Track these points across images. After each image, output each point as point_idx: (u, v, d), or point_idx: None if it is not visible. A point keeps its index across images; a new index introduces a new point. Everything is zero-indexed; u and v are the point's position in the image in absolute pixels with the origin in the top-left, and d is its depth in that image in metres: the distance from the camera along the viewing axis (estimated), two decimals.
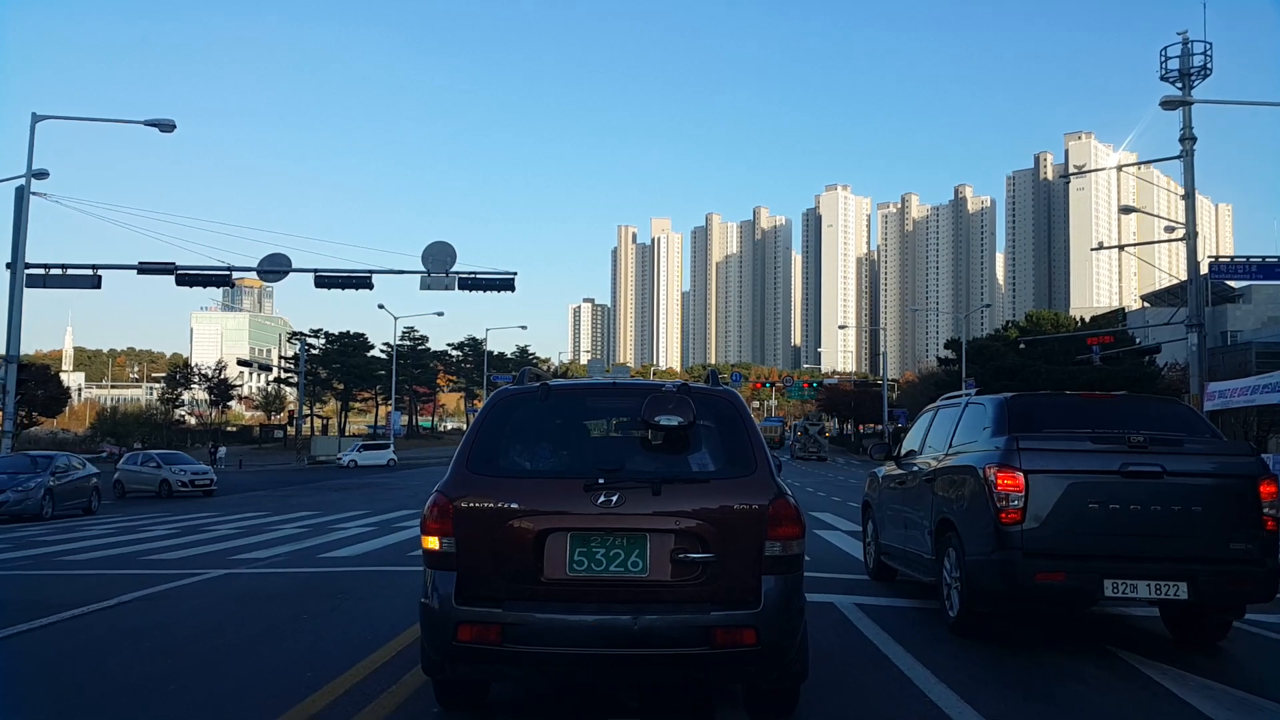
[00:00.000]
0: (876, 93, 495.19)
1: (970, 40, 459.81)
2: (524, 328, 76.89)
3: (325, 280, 27.15)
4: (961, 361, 60.07)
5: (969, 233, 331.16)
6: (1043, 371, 63.47)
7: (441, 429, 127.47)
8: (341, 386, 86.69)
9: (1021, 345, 60.48)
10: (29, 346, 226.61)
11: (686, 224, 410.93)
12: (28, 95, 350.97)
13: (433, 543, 4.78)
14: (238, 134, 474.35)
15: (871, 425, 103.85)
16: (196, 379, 71.99)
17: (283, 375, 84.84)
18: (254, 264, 26.74)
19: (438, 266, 25.86)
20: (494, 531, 4.69)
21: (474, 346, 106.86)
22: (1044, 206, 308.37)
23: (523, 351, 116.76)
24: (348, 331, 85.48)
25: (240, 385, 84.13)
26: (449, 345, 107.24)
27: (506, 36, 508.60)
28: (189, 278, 27.36)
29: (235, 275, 27.20)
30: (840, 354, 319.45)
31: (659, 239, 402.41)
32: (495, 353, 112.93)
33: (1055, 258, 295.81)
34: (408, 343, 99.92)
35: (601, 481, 4.69)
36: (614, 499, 4.65)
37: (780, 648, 4.66)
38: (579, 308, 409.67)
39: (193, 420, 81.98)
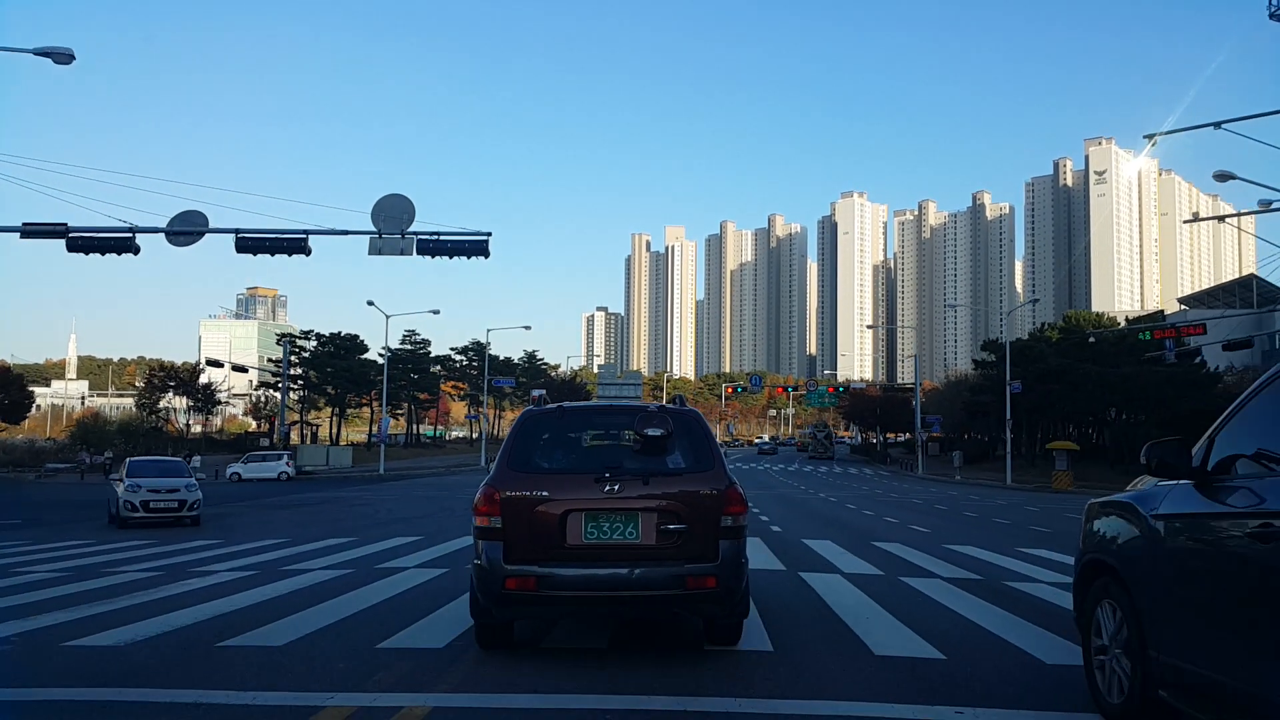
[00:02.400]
0: (892, 99, 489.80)
1: (987, 46, 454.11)
2: (528, 328, 71.99)
3: (249, 243, 21.56)
4: (1005, 362, 54.40)
5: (987, 239, 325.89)
6: (1091, 373, 57.84)
7: (448, 437, 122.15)
8: (334, 392, 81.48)
9: (1091, 339, 55.14)
10: (35, 355, 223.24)
11: (701, 231, 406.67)
12: None
13: (484, 521, 6.79)
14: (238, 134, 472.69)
15: (893, 435, 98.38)
16: (173, 383, 67.06)
17: (273, 380, 79.74)
18: (164, 225, 21.37)
19: (391, 225, 20.21)
20: (529, 512, 6.72)
21: (479, 350, 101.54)
22: (1064, 212, 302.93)
23: (531, 356, 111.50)
24: (339, 333, 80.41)
25: (224, 390, 78.87)
26: (452, 349, 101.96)
27: (518, 42, 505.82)
28: (84, 241, 21.95)
29: (140, 237, 21.68)
30: (857, 361, 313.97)
31: (673, 247, 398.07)
32: (502, 357, 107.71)
33: (1076, 264, 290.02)
34: (408, 346, 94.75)
35: (607, 475, 6.82)
36: (616, 487, 6.77)
37: (732, 590, 6.82)
38: (592, 316, 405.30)
39: (179, 426, 77.15)
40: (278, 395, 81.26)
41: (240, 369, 55.35)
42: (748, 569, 7.12)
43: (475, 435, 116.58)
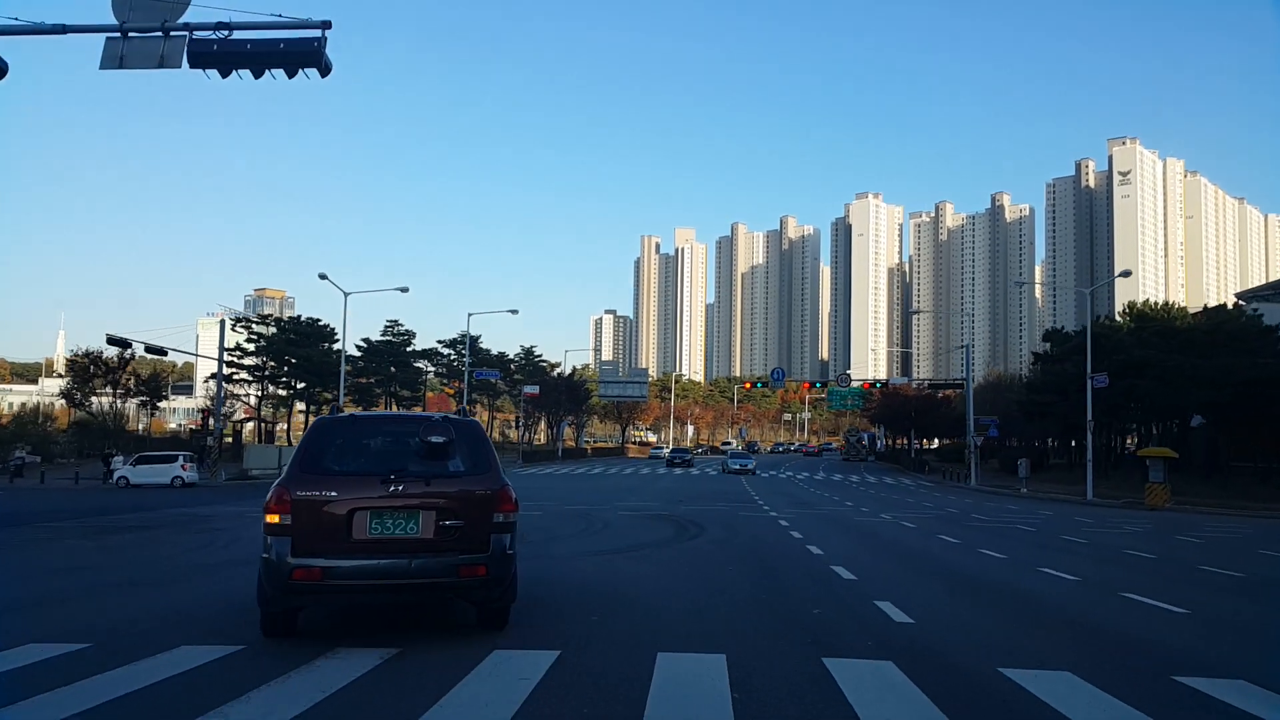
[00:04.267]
0: (909, 99, 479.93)
1: (1006, 45, 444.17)
2: (514, 312, 62.34)
3: None
4: (1087, 351, 44.76)
5: (1006, 242, 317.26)
6: (1184, 366, 48.14)
7: None
8: (297, 385, 72.06)
9: (1182, 322, 45.03)
10: (24, 354, 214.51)
11: (711, 234, 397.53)
12: None
13: (274, 518, 7.35)
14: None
15: (923, 441, 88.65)
16: (100, 374, 58.01)
17: (228, 371, 70.43)
18: None
19: (147, 14, 11.07)
20: (318, 510, 7.38)
21: (471, 345, 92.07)
22: (1086, 214, 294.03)
23: (528, 353, 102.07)
24: (298, 317, 70.86)
25: (181, 383, 69.88)
26: (439, 342, 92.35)
27: (528, 45, 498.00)
28: None
29: None
30: (871, 366, 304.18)
31: (683, 249, 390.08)
32: (496, 352, 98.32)
33: (1098, 266, 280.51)
34: (389, 338, 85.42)
35: (392, 476, 7.52)
36: (400, 488, 7.49)
37: (500, 578, 7.73)
38: (600, 319, 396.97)
39: (111, 421, 68.26)
40: (234, 389, 72.16)
41: (158, 350, 46.10)
42: (515, 559, 8.06)
43: None
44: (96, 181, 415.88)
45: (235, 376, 70.76)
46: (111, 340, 41.70)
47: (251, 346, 69.71)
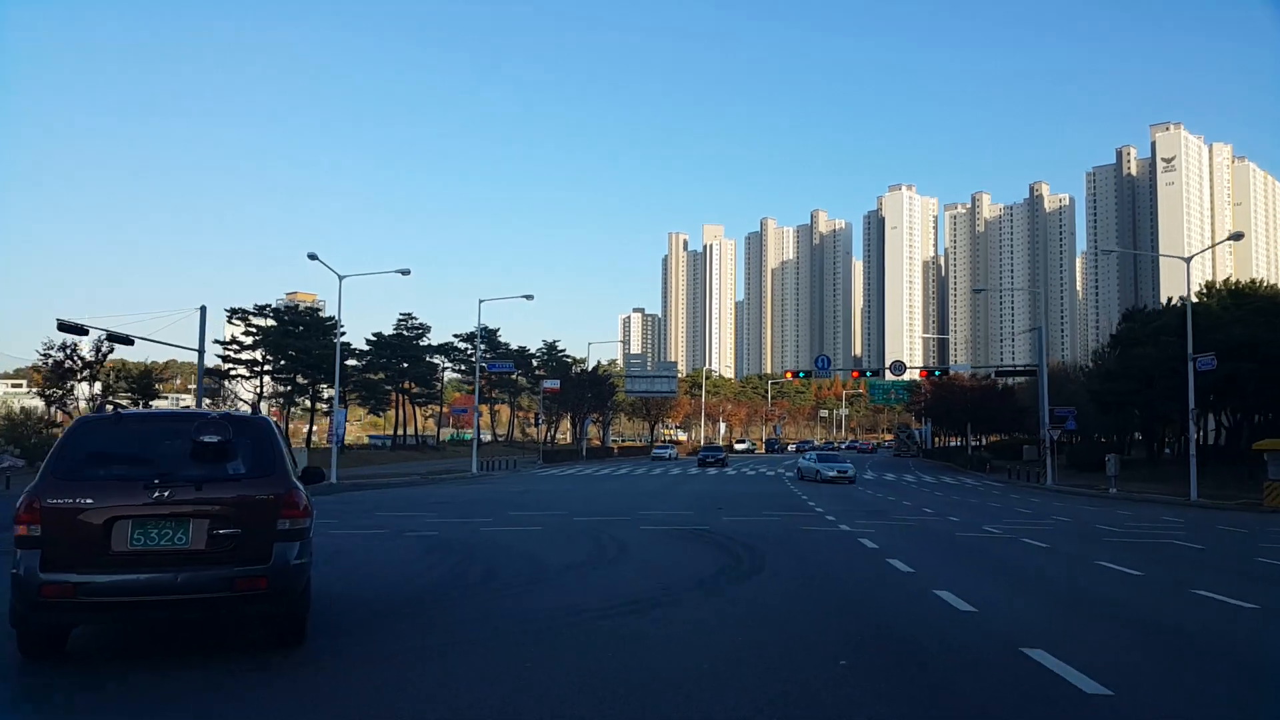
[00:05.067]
0: (942, 88, 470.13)
1: (1042, 30, 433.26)
2: (529, 298, 56.56)
3: None
4: (1188, 328, 38.09)
5: (1046, 232, 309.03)
6: None
7: (455, 437, 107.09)
8: (298, 380, 66.58)
9: None
10: (22, 358, 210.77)
11: (740, 230, 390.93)
12: None
13: (22, 530, 6.73)
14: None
15: (980, 436, 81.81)
16: (80, 368, 52.89)
17: (223, 365, 65.18)
18: None
19: None
20: (72, 520, 6.71)
21: (488, 338, 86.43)
22: (1129, 203, 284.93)
23: (550, 347, 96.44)
24: (296, 306, 65.50)
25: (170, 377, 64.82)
26: (455, 336, 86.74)
27: (552, 45, 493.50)
28: None
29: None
30: (906, 361, 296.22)
31: (711, 246, 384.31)
32: (516, 347, 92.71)
33: (1142, 256, 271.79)
34: (403, 332, 79.94)
35: (157, 481, 6.85)
36: (166, 494, 6.82)
37: (284, 591, 7.03)
38: (628, 317, 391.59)
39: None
40: (230, 385, 66.86)
41: (123, 340, 40.65)
42: (308, 569, 7.44)
43: (498, 436, 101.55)
44: (113, 184, 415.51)
45: (233, 372, 65.56)
46: (64, 326, 36.26)
47: (249, 340, 64.38)
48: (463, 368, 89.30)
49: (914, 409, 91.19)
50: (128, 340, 41.44)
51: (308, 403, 72.70)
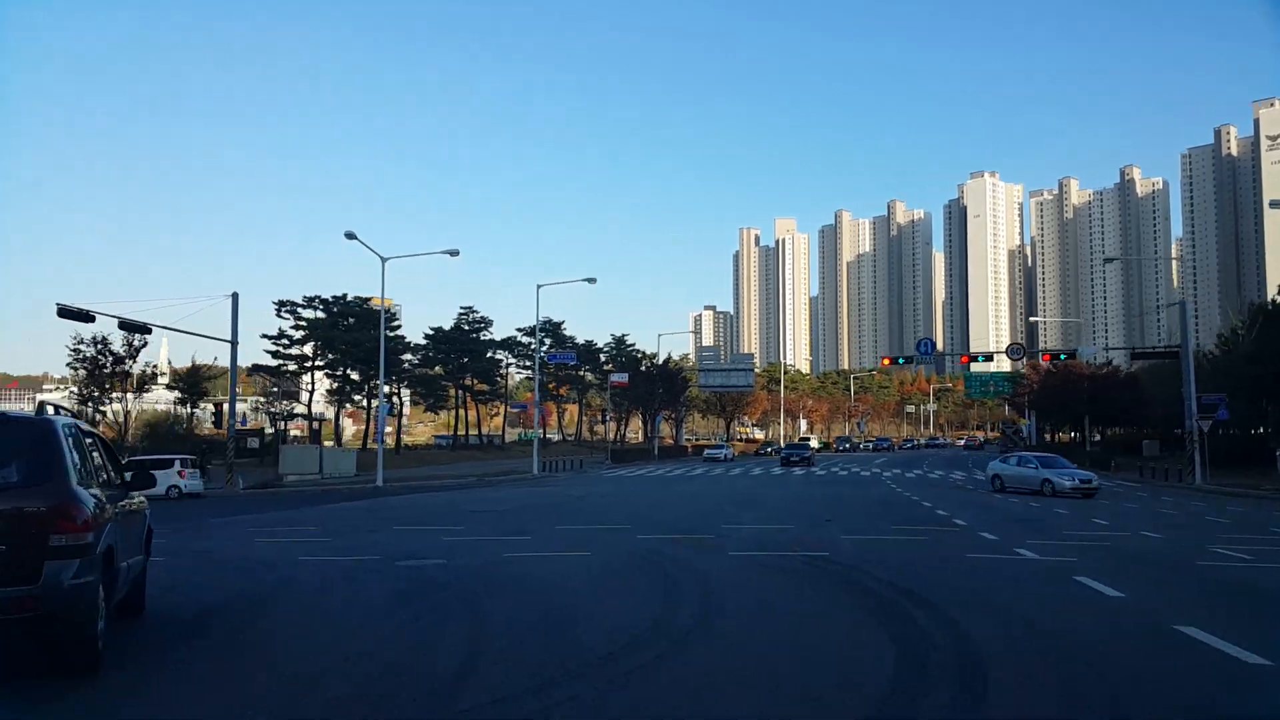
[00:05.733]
0: (1024, 70, 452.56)
1: (1130, 7, 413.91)
2: (591, 281, 51.30)
3: None
4: None
5: (1138, 218, 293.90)
6: None
7: (523, 437, 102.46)
8: (351, 375, 62.21)
9: None
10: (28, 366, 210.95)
11: (813, 223, 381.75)
12: None
13: None
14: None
15: (1099, 430, 73.88)
16: (109, 369, 48.82)
17: (273, 363, 61.09)
18: None
19: None
20: None
21: (552, 331, 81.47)
22: (1228, 184, 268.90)
23: (619, 342, 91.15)
24: (344, 296, 60.83)
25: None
26: (518, 330, 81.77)
27: (617, 36, 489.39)
28: None
29: None
30: (994, 348, 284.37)
31: (783, 240, 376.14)
32: (583, 341, 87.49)
33: (1244, 241, 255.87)
34: (463, 326, 75.36)
35: None
36: None
37: (62, 614, 6.27)
38: (699, 315, 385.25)
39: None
40: (275, 382, 62.77)
41: (139, 328, 36.35)
42: (95, 588, 6.66)
43: (566, 436, 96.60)
44: (130, 178, 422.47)
45: (283, 369, 61.51)
46: (65, 312, 31.75)
47: (298, 334, 60.20)
48: (527, 363, 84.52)
49: (1017, 402, 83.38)
50: (144, 329, 37.25)
51: (366, 400, 68.37)
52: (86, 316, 33.97)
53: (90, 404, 51.53)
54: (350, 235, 41.98)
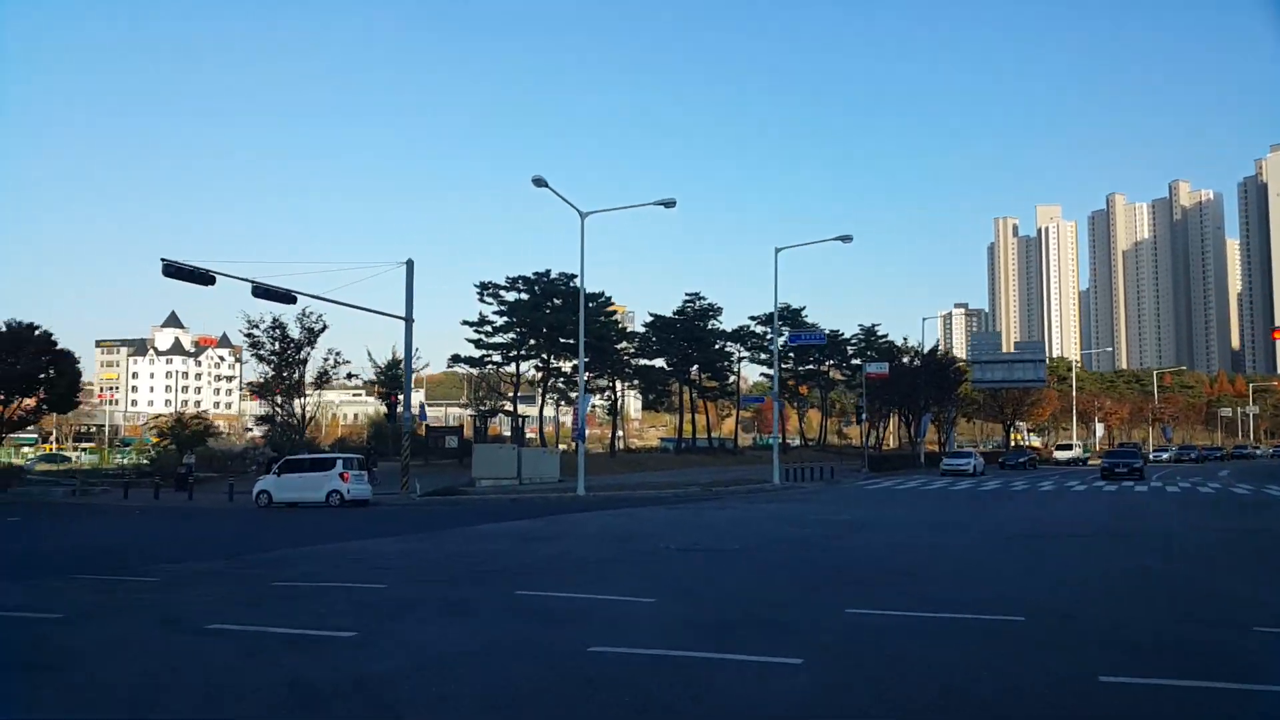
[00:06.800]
0: None
1: None
2: (847, 239, 40.11)
3: None
4: None
5: None
6: None
7: (758, 442, 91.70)
8: (551, 364, 53.94)
9: None
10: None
11: (1080, 209, 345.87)
12: None
13: None
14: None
15: None
16: (291, 350, 42.68)
17: (476, 353, 53.84)
18: None
19: None
20: None
21: (791, 317, 70.19)
22: None
23: (869, 332, 78.41)
24: (546, 273, 52.02)
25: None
26: (751, 319, 71.11)
27: (840, 14, 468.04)
28: None
29: None
30: None
31: (1046, 229, 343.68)
32: (830, 330, 75.34)
33: None
34: (687, 312, 65.68)
35: None
36: None
37: None
38: (949, 314, 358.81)
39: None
40: (478, 373, 55.45)
41: (280, 296, 28.94)
42: None
43: (807, 441, 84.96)
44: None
45: (486, 360, 54.19)
46: (171, 269, 24.48)
47: (500, 320, 52.61)
48: (762, 355, 73.68)
49: None
50: (287, 297, 29.80)
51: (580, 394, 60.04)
52: (204, 277, 26.69)
53: (282, 399, 45.76)
54: (540, 182, 33.13)
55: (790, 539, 17.96)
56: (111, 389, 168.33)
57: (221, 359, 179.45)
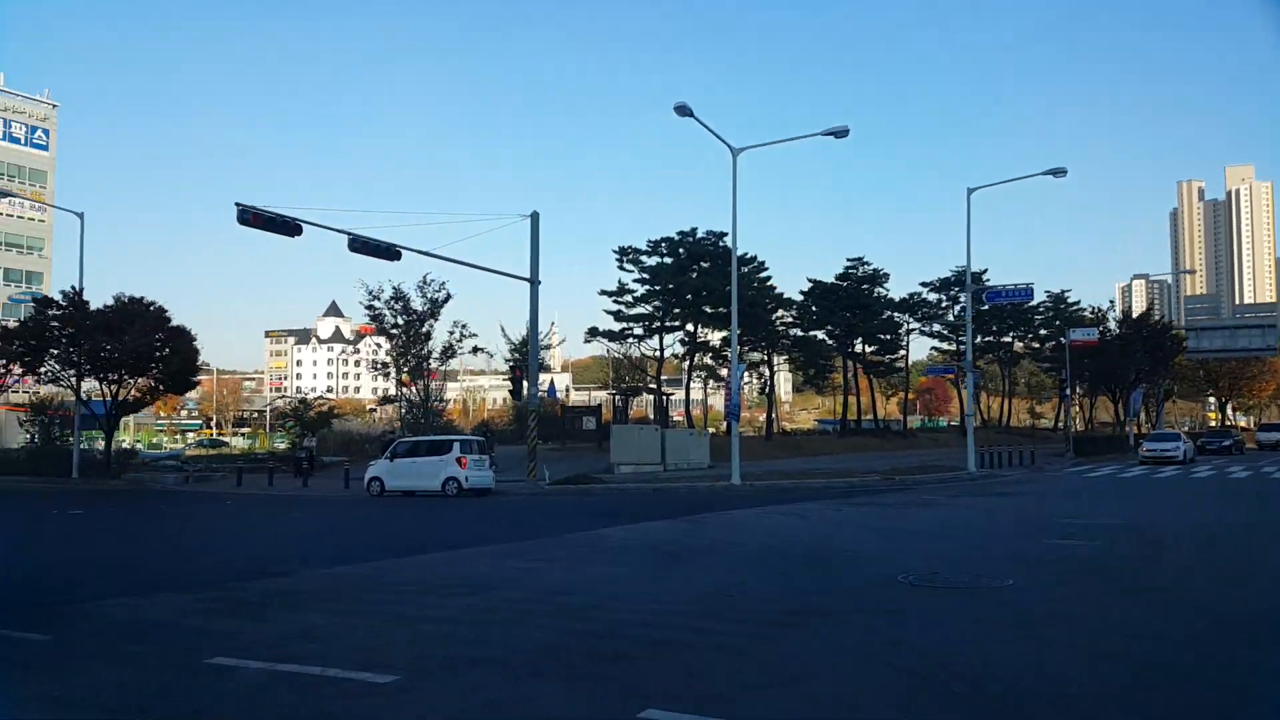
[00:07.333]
0: None
1: None
2: (1059, 173, 32.90)
3: None
4: None
5: None
6: None
7: (927, 424, 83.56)
8: (697, 335, 48.23)
9: None
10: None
11: (1276, 168, 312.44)
12: None
13: None
14: None
15: None
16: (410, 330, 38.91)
17: (616, 327, 48.90)
18: None
19: None
20: None
21: (974, 281, 61.85)
22: None
23: (1058, 300, 69.08)
24: (692, 232, 45.92)
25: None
26: (923, 285, 63.43)
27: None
28: None
29: None
30: None
31: (1237, 191, 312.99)
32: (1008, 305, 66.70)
33: None
34: (850, 277, 58.80)
35: None
36: None
37: None
38: (1128, 286, 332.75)
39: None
40: (619, 348, 50.47)
41: (384, 251, 24.47)
42: None
43: (986, 421, 76.48)
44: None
45: (627, 332, 49.19)
46: (246, 215, 20.43)
47: (641, 289, 47.39)
48: (936, 327, 65.94)
49: None
50: (390, 252, 25.38)
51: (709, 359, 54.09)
52: (288, 226, 22.40)
53: (410, 376, 42.13)
54: (684, 110, 27.53)
55: (1069, 558, 11.95)
56: (280, 378, 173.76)
57: (379, 345, 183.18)
